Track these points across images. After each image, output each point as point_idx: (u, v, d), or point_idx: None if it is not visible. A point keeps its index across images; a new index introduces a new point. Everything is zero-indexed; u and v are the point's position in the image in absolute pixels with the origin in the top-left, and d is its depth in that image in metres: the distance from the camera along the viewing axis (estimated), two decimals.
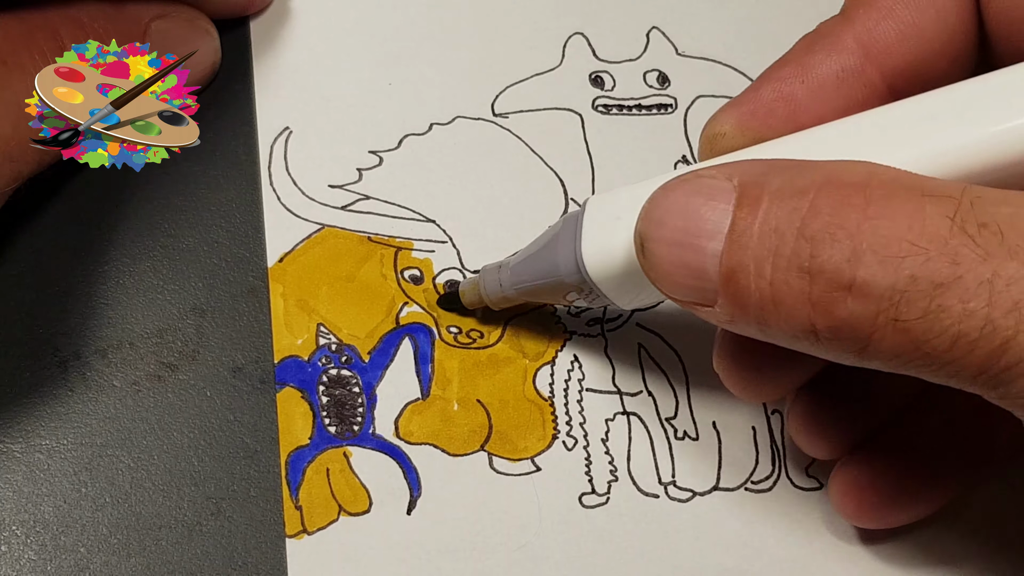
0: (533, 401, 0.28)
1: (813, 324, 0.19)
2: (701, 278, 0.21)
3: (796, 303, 0.19)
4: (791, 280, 0.19)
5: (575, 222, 0.25)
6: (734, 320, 0.21)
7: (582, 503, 0.27)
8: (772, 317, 0.20)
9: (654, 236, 0.21)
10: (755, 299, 0.20)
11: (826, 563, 0.27)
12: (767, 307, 0.20)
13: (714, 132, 0.25)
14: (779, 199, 0.20)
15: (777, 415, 0.28)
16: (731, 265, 0.20)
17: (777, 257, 0.19)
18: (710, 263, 0.20)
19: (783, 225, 0.19)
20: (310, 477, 0.26)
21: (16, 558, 0.25)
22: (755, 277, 0.20)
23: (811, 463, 0.28)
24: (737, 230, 0.20)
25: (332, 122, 0.31)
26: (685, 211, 0.21)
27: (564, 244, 0.25)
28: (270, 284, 0.29)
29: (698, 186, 0.21)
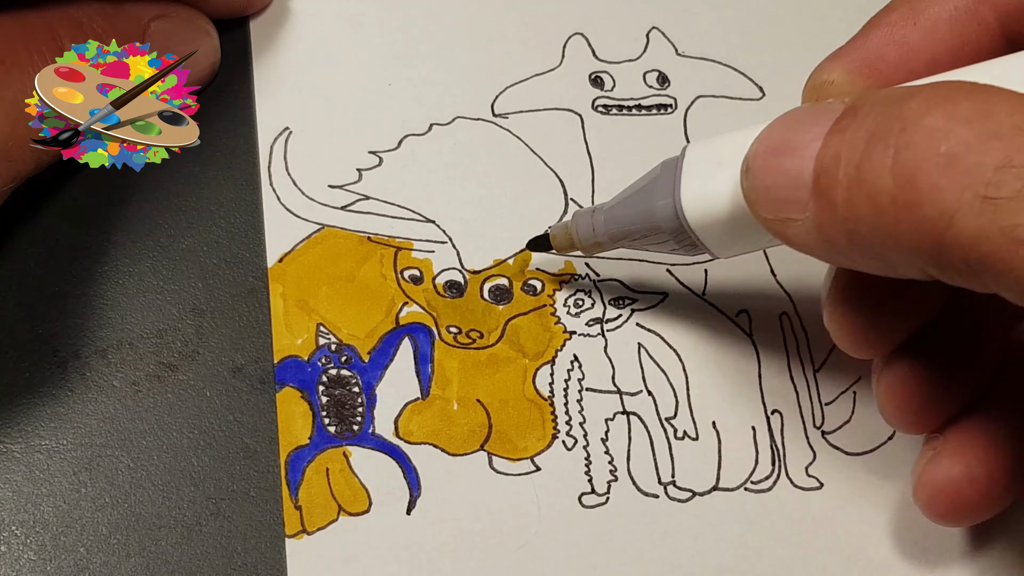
0: (533, 401, 0.28)
1: (895, 200, 0.19)
2: (796, 184, 0.20)
3: (879, 178, 0.19)
4: (876, 155, 0.19)
5: (674, 167, 0.24)
6: (821, 226, 0.20)
7: (582, 503, 0.27)
8: (857, 205, 0.19)
9: (758, 151, 0.21)
10: (843, 188, 0.20)
11: (826, 563, 0.27)
12: (853, 193, 0.19)
13: (821, 80, 0.24)
14: (883, 99, 0.20)
15: (777, 415, 0.28)
16: (824, 158, 0.20)
17: (870, 139, 0.19)
18: (807, 165, 0.20)
19: (880, 115, 0.19)
20: (310, 477, 0.26)
21: (16, 558, 0.25)
22: (844, 164, 0.19)
23: (811, 463, 0.28)
24: (837, 128, 0.20)
25: (332, 122, 0.31)
26: (792, 123, 0.21)
27: (662, 189, 0.25)
28: (270, 284, 0.29)
29: (810, 106, 0.21)
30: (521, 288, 0.29)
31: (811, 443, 0.28)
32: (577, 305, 0.29)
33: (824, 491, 0.27)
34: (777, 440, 0.28)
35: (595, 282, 0.29)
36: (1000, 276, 0.18)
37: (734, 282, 0.30)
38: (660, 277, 0.30)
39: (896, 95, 0.20)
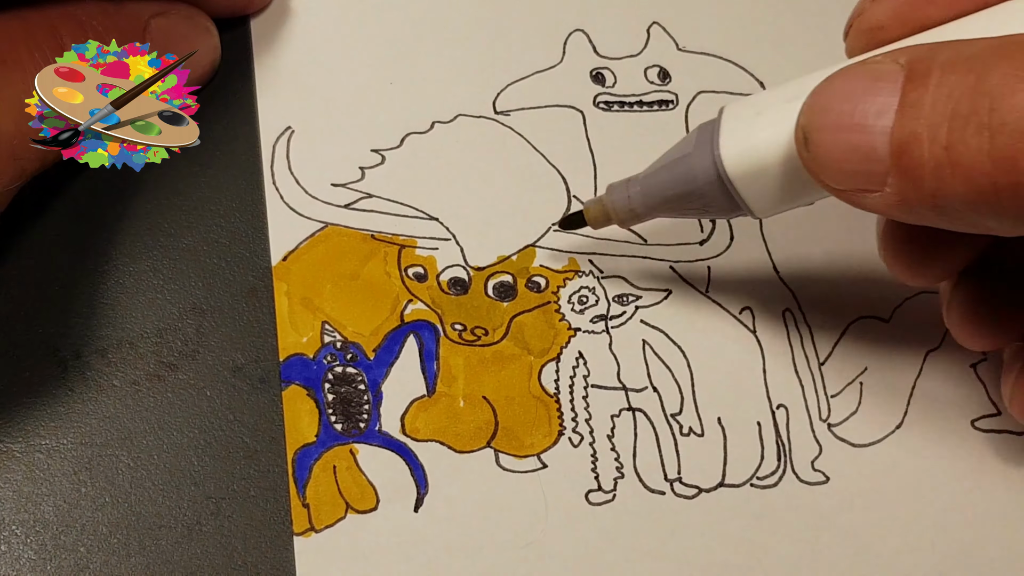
0: (539, 398, 0.28)
1: (995, 183, 0.19)
2: (869, 159, 0.20)
3: (976, 161, 0.19)
4: (969, 139, 0.19)
5: (711, 127, 0.24)
6: (905, 199, 0.20)
7: (588, 500, 0.27)
8: (949, 184, 0.19)
9: (819, 124, 0.21)
10: (930, 167, 0.19)
11: (833, 558, 0.27)
12: (944, 173, 0.19)
13: (870, 26, 0.23)
14: (951, 67, 0.19)
15: (782, 409, 0.28)
16: (903, 137, 0.19)
17: (953, 119, 0.19)
18: (879, 141, 0.20)
19: (957, 89, 0.19)
20: (317, 475, 0.26)
21: (16, 558, 0.25)
22: (929, 144, 0.19)
23: (817, 456, 0.28)
24: (908, 102, 0.19)
25: (334, 121, 0.31)
26: (851, 94, 0.20)
27: (700, 147, 0.24)
28: (274, 282, 0.28)
29: (864, 71, 0.20)
30: (525, 285, 0.29)
31: (817, 436, 0.28)
32: (581, 302, 0.29)
33: (830, 485, 0.27)
34: (783, 435, 0.28)
35: (599, 279, 0.29)
36: None
37: (737, 278, 0.30)
38: (664, 274, 0.30)
39: (963, 60, 0.19)
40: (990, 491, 0.27)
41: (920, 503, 0.27)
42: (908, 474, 0.28)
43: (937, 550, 0.27)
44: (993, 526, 0.27)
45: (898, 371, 0.29)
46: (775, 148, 0.23)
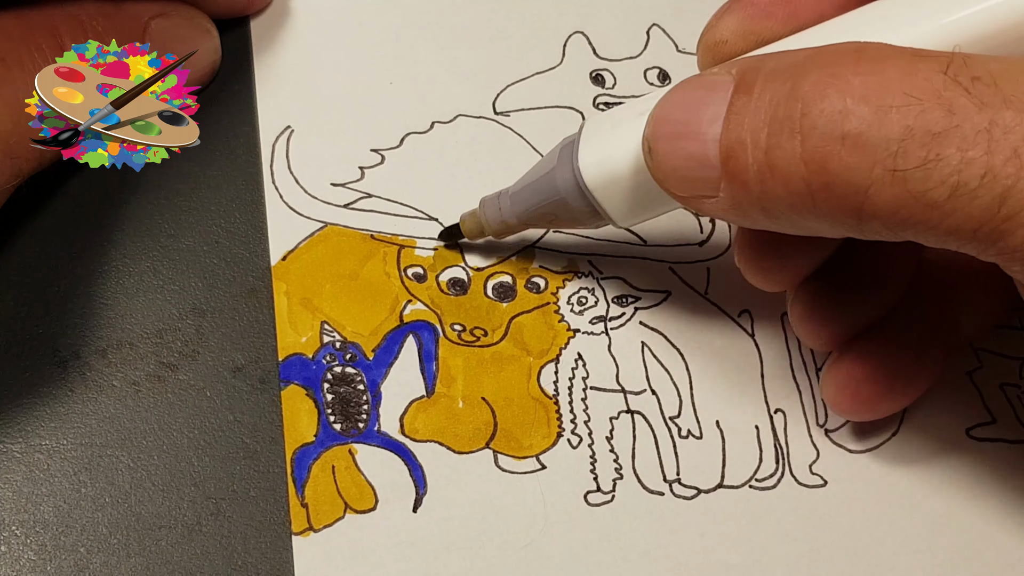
0: (538, 399, 0.28)
1: (809, 184, 0.19)
2: (704, 165, 0.21)
3: (790, 164, 0.19)
4: (784, 143, 0.19)
5: (572, 141, 0.25)
6: (737, 204, 0.21)
7: (587, 501, 0.27)
8: (771, 187, 0.20)
9: (659, 134, 0.22)
10: (754, 172, 0.20)
11: (830, 560, 0.27)
12: (765, 177, 0.20)
13: (715, 40, 0.25)
14: (773, 76, 0.20)
15: (780, 413, 0.28)
16: (729, 143, 0.20)
17: (771, 124, 0.20)
18: (711, 149, 0.21)
19: (776, 95, 0.20)
20: (316, 475, 0.26)
21: (16, 558, 0.25)
22: (752, 149, 0.20)
23: (814, 460, 0.28)
24: (734, 110, 0.20)
25: (334, 121, 0.31)
26: (687, 104, 0.21)
27: (562, 160, 0.25)
28: (273, 282, 0.28)
29: (699, 81, 0.21)
30: (524, 286, 0.29)
31: (814, 441, 0.28)
32: (580, 303, 0.29)
33: (828, 488, 0.27)
34: (781, 438, 0.28)
35: (598, 280, 0.29)
36: (920, 234, 0.19)
37: (736, 280, 0.30)
38: (663, 275, 0.30)
39: (783, 68, 0.20)
40: (986, 498, 0.27)
41: (917, 508, 0.27)
42: (904, 480, 0.28)
43: (934, 554, 0.27)
44: (989, 532, 0.27)
45: None
46: (628, 159, 0.24)
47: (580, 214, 0.26)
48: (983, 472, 0.28)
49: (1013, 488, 0.28)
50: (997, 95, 0.18)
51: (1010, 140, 0.18)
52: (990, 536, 0.27)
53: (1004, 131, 0.18)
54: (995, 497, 0.28)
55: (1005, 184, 0.18)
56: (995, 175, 0.18)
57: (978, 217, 0.18)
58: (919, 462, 0.28)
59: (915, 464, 0.28)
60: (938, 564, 0.27)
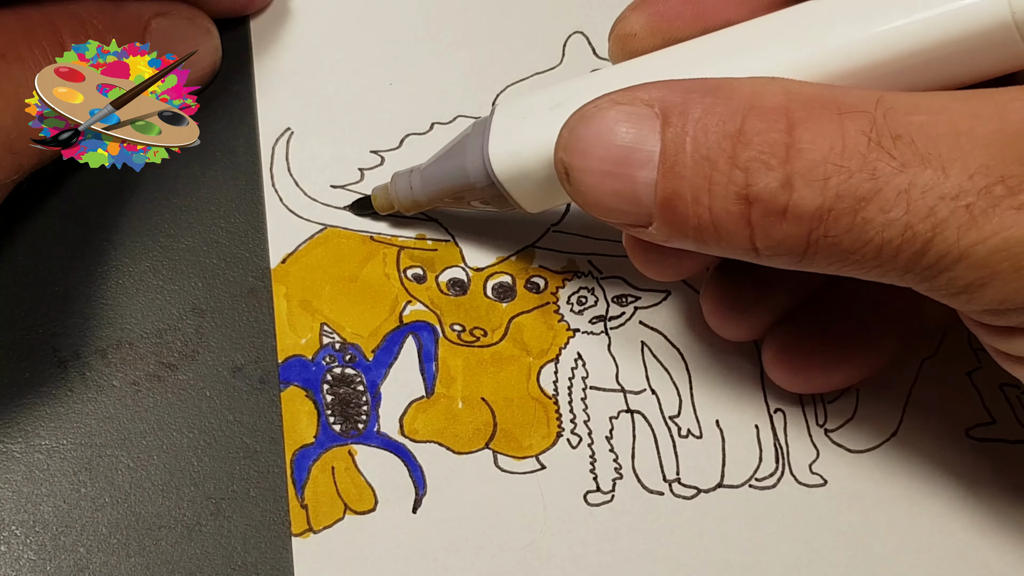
0: (537, 399, 0.28)
1: (754, 244, 0.21)
2: (634, 203, 0.21)
3: (737, 227, 0.21)
4: (730, 207, 0.20)
5: (484, 125, 0.25)
6: (671, 240, 0.22)
7: (587, 501, 0.27)
8: (712, 239, 0.21)
9: (579, 166, 0.22)
10: (694, 224, 0.21)
11: (830, 559, 0.27)
12: (707, 231, 0.21)
13: (624, 32, 0.25)
14: (704, 129, 0.21)
15: (780, 414, 0.28)
16: (667, 194, 0.21)
17: (714, 185, 0.20)
18: (643, 191, 0.21)
19: (714, 154, 0.20)
20: (315, 476, 0.26)
21: (16, 558, 0.25)
22: (693, 204, 0.21)
23: (814, 460, 0.28)
24: (668, 160, 0.21)
25: (333, 122, 0.31)
26: (609, 141, 0.21)
27: (472, 146, 0.26)
28: (273, 285, 0.28)
29: (619, 114, 0.21)
30: (524, 286, 0.29)
31: (814, 441, 0.28)
32: (580, 303, 0.29)
33: (828, 488, 0.27)
34: (780, 438, 0.28)
35: (598, 279, 0.29)
36: (857, 275, 0.21)
37: None
38: None
39: (714, 116, 0.20)
40: (986, 498, 0.28)
41: (917, 508, 0.27)
42: (905, 480, 0.28)
43: (934, 554, 0.27)
44: (989, 532, 0.27)
45: (894, 378, 0.29)
46: (538, 154, 0.24)
47: (489, 199, 0.26)
48: (983, 472, 0.28)
49: (1013, 488, 0.28)
50: (916, 155, 0.19)
51: (927, 200, 0.19)
52: (990, 536, 0.27)
53: (922, 191, 0.19)
54: (995, 497, 0.28)
55: (924, 239, 0.19)
56: (914, 232, 0.19)
57: (904, 266, 0.20)
58: (919, 462, 0.28)
59: (915, 464, 0.28)
60: (938, 564, 0.27)
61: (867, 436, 0.28)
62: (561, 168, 0.22)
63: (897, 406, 0.29)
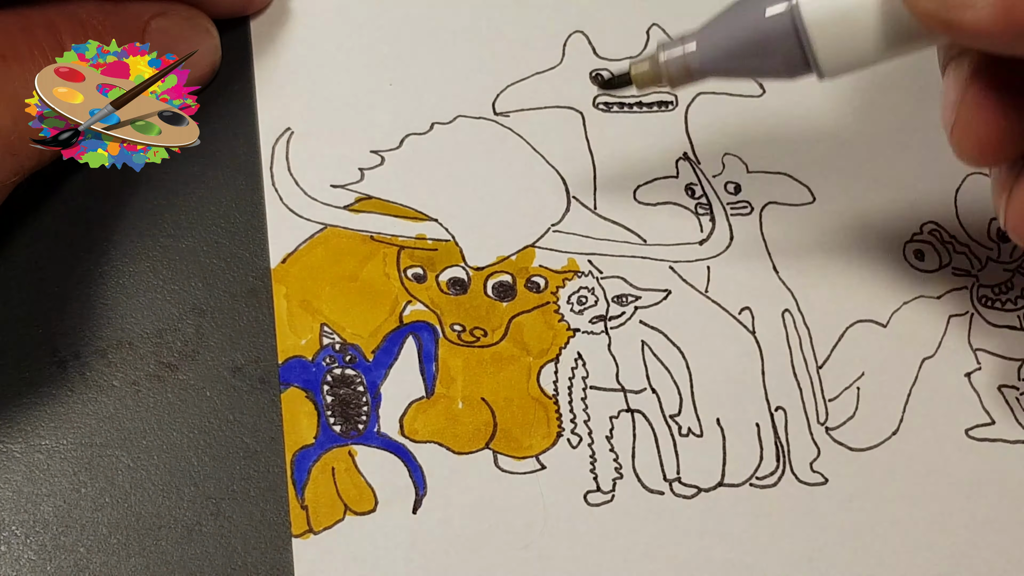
0: (537, 399, 0.28)
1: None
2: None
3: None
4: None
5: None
6: (1011, 6, 0.19)
7: (587, 501, 0.27)
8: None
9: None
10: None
11: (831, 558, 0.27)
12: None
13: None
14: None
15: (780, 411, 0.28)
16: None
17: None
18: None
19: None
20: (315, 477, 0.26)
21: (16, 558, 0.25)
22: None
23: (815, 458, 0.28)
24: None
25: (333, 122, 0.31)
26: None
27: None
28: (273, 285, 0.28)
29: None
30: (524, 285, 0.29)
31: (815, 439, 0.28)
32: (580, 302, 0.29)
33: (829, 486, 0.27)
34: (781, 436, 0.28)
35: (598, 279, 0.29)
36: None
37: (737, 279, 0.30)
38: (663, 274, 0.30)
39: None
40: (986, 497, 0.28)
41: (918, 507, 0.27)
42: (905, 479, 0.28)
43: (935, 552, 0.27)
44: (990, 531, 0.27)
45: (894, 378, 0.29)
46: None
47: (782, 60, 0.23)
48: (984, 471, 0.28)
49: (1012, 488, 0.28)
50: None
51: None
52: (990, 536, 0.27)
53: None
54: (994, 497, 0.28)
55: None
56: None
57: None
58: (920, 460, 0.28)
59: (916, 462, 0.28)
60: (938, 564, 0.27)
61: (868, 434, 0.28)
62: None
63: (898, 406, 0.29)
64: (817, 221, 0.31)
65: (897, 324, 0.30)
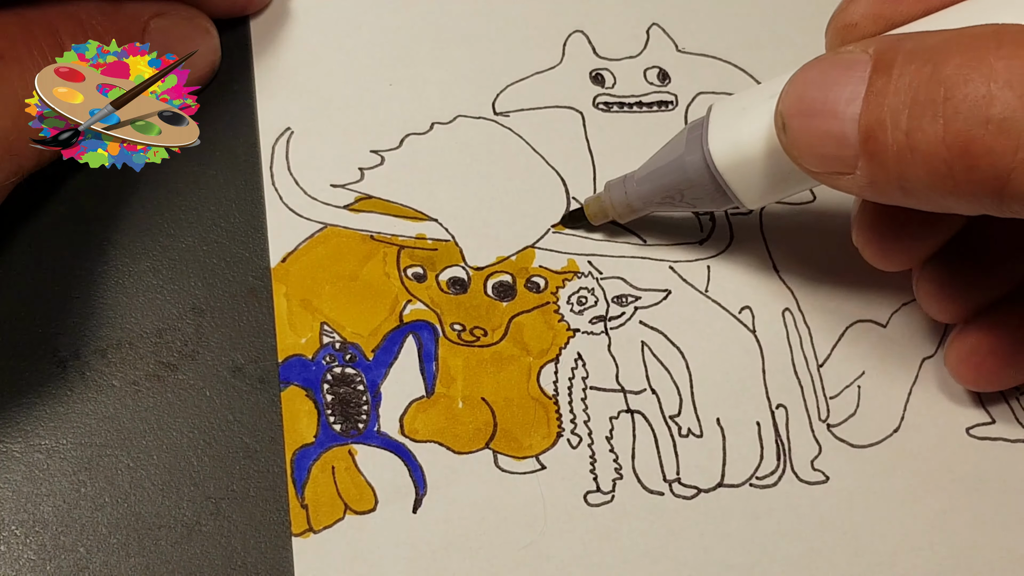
0: (537, 399, 0.28)
1: (950, 167, 0.20)
2: (841, 144, 0.22)
3: (932, 147, 0.20)
4: (926, 126, 0.20)
5: (700, 124, 0.26)
6: (874, 182, 0.21)
7: (587, 501, 0.27)
8: (911, 168, 0.20)
9: (795, 111, 0.22)
10: (893, 152, 0.21)
11: (833, 558, 0.27)
12: (905, 158, 0.20)
13: (844, 23, 0.25)
14: (912, 57, 0.20)
15: (782, 409, 0.28)
16: (869, 123, 0.21)
17: (913, 106, 0.20)
18: (849, 128, 0.21)
19: (916, 78, 0.20)
20: (315, 476, 0.26)
21: (16, 558, 0.25)
22: (892, 130, 0.20)
23: (816, 456, 0.28)
24: (874, 90, 0.21)
25: (333, 122, 0.31)
26: (823, 82, 0.22)
27: (691, 144, 0.26)
28: (273, 284, 0.28)
29: (835, 60, 0.22)
30: (524, 285, 0.29)
31: (817, 436, 0.28)
32: (580, 302, 0.29)
33: (830, 485, 0.27)
34: (782, 434, 0.28)
35: (598, 279, 0.29)
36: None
37: (737, 278, 0.30)
38: (663, 274, 0.30)
39: (923, 50, 0.20)
40: (988, 495, 0.28)
41: (919, 505, 0.27)
42: (907, 476, 0.28)
43: (936, 551, 0.27)
44: (991, 530, 0.27)
45: (895, 376, 0.29)
46: (759, 141, 0.25)
47: (708, 197, 0.27)
48: (985, 470, 0.28)
49: (1013, 487, 0.28)
50: None
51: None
52: (991, 534, 0.27)
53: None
54: (995, 495, 0.28)
55: None
56: None
57: None
58: (921, 458, 0.28)
59: (918, 460, 0.28)
60: (938, 563, 0.27)
61: (870, 432, 0.28)
62: (779, 121, 0.23)
63: (899, 404, 0.29)
64: (817, 221, 0.31)
65: (897, 324, 0.30)
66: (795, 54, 0.33)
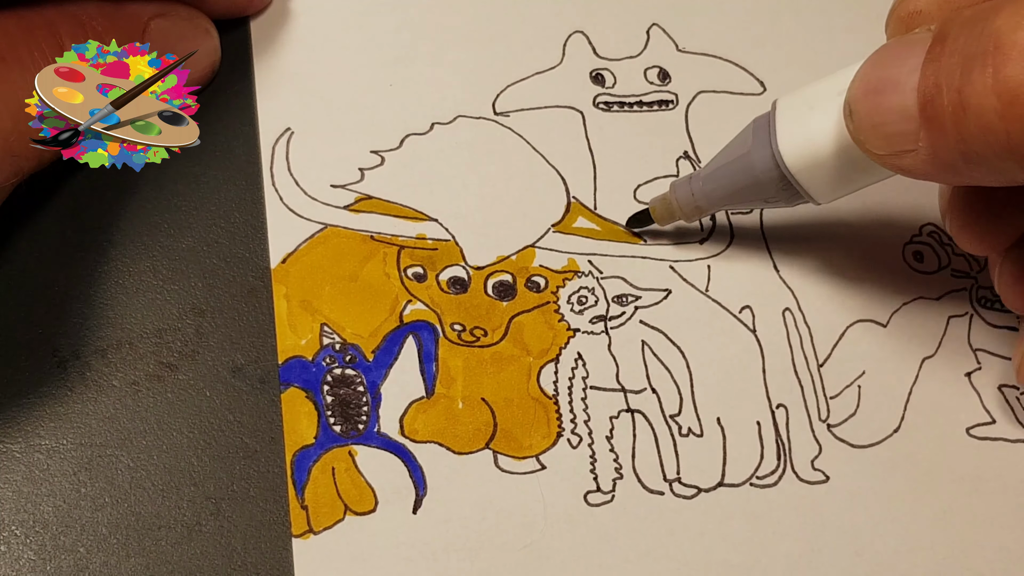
0: (537, 399, 0.28)
1: (1002, 117, 0.20)
2: (903, 117, 0.22)
3: (983, 99, 0.20)
4: (975, 78, 0.20)
5: (767, 121, 0.26)
6: (936, 154, 0.21)
7: (587, 501, 0.27)
8: (966, 128, 0.20)
9: (859, 93, 0.22)
10: (948, 114, 0.20)
11: (833, 557, 0.27)
12: (960, 118, 0.20)
13: (907, 11, 0.24)
14: (968, 21, 0.20)
15: (782, 409, 0.28)
16: (926, 87, 0.21)
17: (964, 62, 0.20)
18: (909, 98, 0.21)
19: (970, 36, 0.20)
20: (315, 477, 0.26)
21: (16, 558, 0.25)
22: (947, 91, 0.20)
23: (817, 456, 0.28)
24: (931, 56, 0.21)
25: (333, 122, 0.31)
26: (887, 60, 0.22)
27: (758, 142, 0.26)
28: (273, 285, 0.28)
29: (899, 40, 0.22)
30: (524, 285, 0.29)
31: (817, 436, 0.28)
32: (580, 302, 0.29)
33: (830, 484, 0.27)
34: (782, 434, 0.28)
35: (598, 279, 0.29)
36: None
37: (737, 278, 0.30)
38: (663, 274, 0.30)
39: (980, 14, 0.20)
40: (987, 495, 0.28)
41: (919, 505, 0.27)
42: (907, 476, 0.28)
43: (936, 551, 0.27)
44: (991, 529, 0.27)
45: (895, 376, 0.29)
46: (829, 138, 0.25)
47: (776, 195, 0.26)
48: (985, 469, 0.28)
49: (1013, 487, 0.28)
50: None
51: None
52: (991, 534, 0.27)
53: None
54: (995, 495, 0.28)
55: None
56: None
57: None
58: (922, 458, 0.28)
59: (918, 460, 0.28)
60: (938, 563, 0.27)
61: (870, 431, 0.28)
62: (847, 109, 0.23)
63: (899, 404, 0.29)
64: (817, 221, 0.31)
65: (897, 324, 0.30)
66: (794, 51, 0.33)
